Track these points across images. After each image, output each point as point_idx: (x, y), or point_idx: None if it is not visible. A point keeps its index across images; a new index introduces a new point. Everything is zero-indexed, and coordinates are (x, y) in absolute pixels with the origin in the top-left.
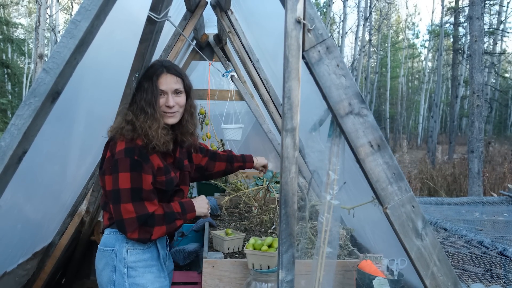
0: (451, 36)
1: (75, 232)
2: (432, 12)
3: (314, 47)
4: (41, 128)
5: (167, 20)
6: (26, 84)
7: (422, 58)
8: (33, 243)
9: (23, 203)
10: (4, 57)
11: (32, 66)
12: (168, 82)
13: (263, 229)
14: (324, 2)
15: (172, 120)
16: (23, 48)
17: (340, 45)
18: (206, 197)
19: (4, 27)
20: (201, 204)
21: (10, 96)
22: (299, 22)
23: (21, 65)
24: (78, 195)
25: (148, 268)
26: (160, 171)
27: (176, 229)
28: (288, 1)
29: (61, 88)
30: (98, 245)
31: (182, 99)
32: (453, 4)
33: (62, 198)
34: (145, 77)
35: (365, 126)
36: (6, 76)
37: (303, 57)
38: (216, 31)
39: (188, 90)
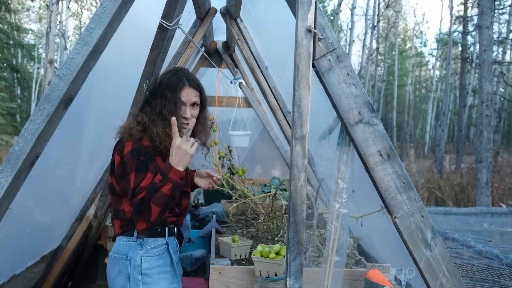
0: (459, 45)
1: (82, 236)
2: (440, 21)
3: (324, 56)
4: (53, 133)
5: (178, 27)
6: (35, 89)
7: (430, 66)
8: (41, 247)
9: (33, 207)
10: (14, 62)
11: (41, 71)
12: (189, 95)
13: (270, 236)
14: (332, 10)
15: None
16: (33, 53)
17: (347, 53)
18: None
19: (15, 32)
20: (179, 155)
21: (19, 101)
22: (310, 31)
23: (31, 70)
24: (86, 200)
25: (162, 274)
26: None
27: (169, 198)
28: (299, 10)
29: (74, 94)
30: (110, 253)
31: (196, 111)
32: (461, 13)
33: (70, 202)
34: (168, 86)
35: (375, 135)
36: (16, 80)
37: (313, 66)
38: (224, 39)
39: (204, 102)
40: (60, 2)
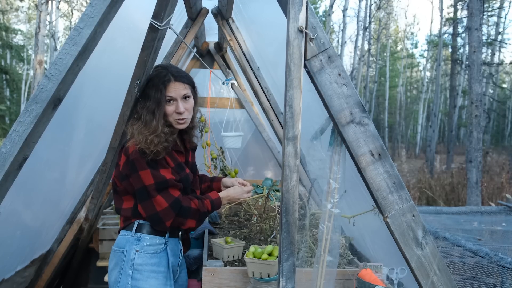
0: (449, 46)
1: (73, 239)
2: (431, 23)
3: (316, 56)
4: (41, 135)
5: (169, 28)
6: (24, 90)
7: (421, 68)
8: (31, 250)
9: (22, 210)
10: (3, 63)
11: (31, 72)
12: (176, 89)
13: (263, 237)
14: (324, 11)
15: (183, 126)
16: (22, 54)
17: (339, 54)
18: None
19: (3, 33)
20: (237, 194)
21: (8, 102)
22: (301, 31)
23: (20, 71)
24: (77, 202)
25: (153, 273)
26: (173, 170)
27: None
28: (290, 11)
29: (63, 94)
30: (112, 246)
31: (190, 104)
32: (451, 15)
33: (61, 205)
34: (152, 86)
35: (366, 135)
36: (4, 82)
37: (305, 66)
38: (216, 39)
39: (195, 95)
40: (50, 2)
